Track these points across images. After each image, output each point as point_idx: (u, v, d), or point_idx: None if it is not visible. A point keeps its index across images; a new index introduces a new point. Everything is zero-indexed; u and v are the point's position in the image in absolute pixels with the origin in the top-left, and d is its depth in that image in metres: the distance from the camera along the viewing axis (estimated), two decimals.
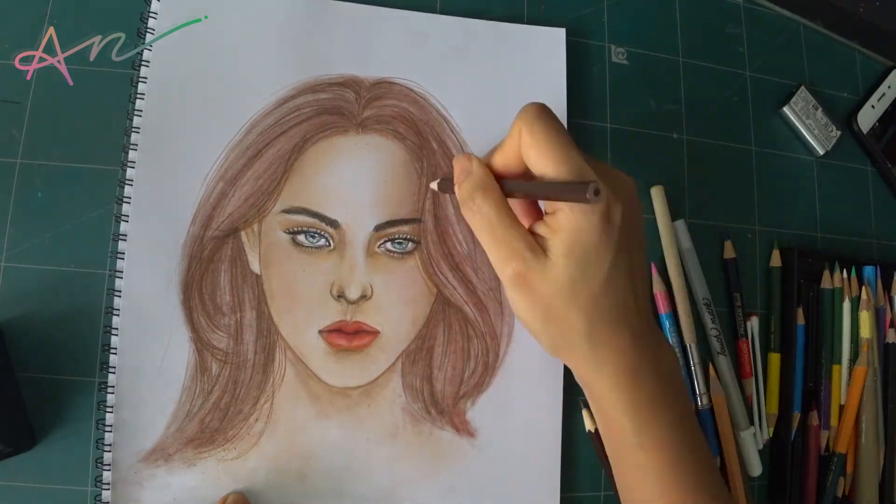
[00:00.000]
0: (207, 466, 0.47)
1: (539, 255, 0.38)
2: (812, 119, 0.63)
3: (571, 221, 0.37)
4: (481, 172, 0.41)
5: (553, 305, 0.39)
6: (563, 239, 0.37)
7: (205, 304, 0.49)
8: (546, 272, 0.38)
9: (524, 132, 0.38)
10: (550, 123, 0.38)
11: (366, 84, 0.54)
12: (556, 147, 0.37)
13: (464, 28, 0.56)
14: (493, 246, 0.39)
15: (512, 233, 0.39)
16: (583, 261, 0.37)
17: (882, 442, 0.59)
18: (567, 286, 0.38)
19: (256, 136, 0.51)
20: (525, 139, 0.38)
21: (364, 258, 0.51)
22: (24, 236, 0.48)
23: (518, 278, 0.39)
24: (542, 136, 0.38)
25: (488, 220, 0.39)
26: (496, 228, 0.39)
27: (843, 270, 0.60)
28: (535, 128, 0.38)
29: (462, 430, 0.51)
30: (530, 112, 0.39)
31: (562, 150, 0.37)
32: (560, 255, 0.37)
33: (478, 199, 0.40)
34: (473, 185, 0.40)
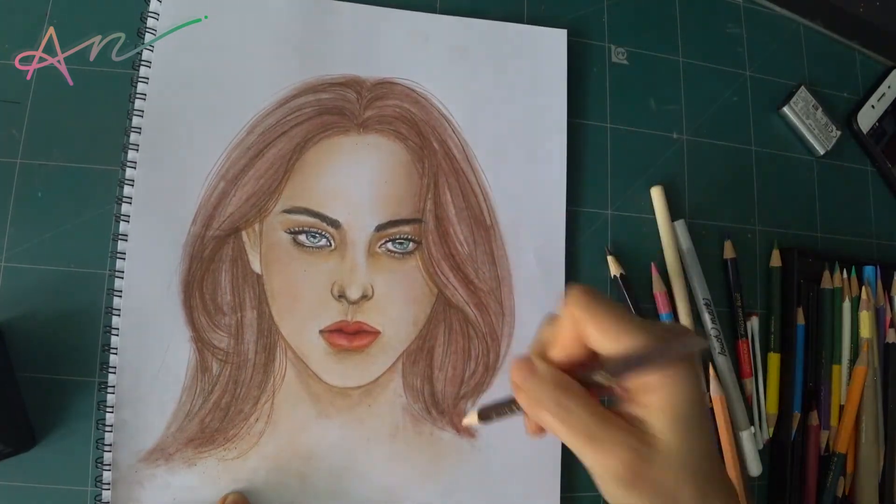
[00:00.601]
0: (208, 466, 0.47)
1: (646, 438, 0.33)
2: (812, 119, 0.63)
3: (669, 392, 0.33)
4: (550, 371, 0.35)
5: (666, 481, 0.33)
6: (662, 408, 0.33)
7: (205, 304, 0.49)
8: (658, 454, 0.33)
9: (583, 318, 0.34)
10: (605, 301, 0.34)
11: (367, 84, 0.54)
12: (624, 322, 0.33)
13: (465, 28, 0.56)
14: (591, 446, 0.34)
15: (611, 425, 0.33)
16: (691, 424, 0.33)
17: (882, 442, 0.59)
18: (682, 466, 0.33)
19: (258, 136, 0.51)
20: (586, 323, 0.34)
21: (365, 258, 0.51)
22: (24, 236, 0.48)
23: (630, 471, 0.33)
24: (605, 315, 0.34)
25: (579, 418, 0.34)
26: (592, 426, 0.33)
27: (843, 270, 0.60)
28: (593, 308, 0.34)
29: (462, 430, 0.51)
30: (581, 294, 0.34)
31: (632, 323, 0.33)
32: (669, 428, 0.33)
33: (562, 399, 0.34)
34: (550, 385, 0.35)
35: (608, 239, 0.57)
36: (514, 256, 0.53)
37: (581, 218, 0.57)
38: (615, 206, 0.58)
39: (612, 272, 0.56)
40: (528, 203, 0.54)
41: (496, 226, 0.53)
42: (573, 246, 0.56)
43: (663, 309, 0.56)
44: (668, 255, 0.57)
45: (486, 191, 0.54)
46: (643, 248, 0.57)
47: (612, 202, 0.58)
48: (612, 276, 0.56)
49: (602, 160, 0.58)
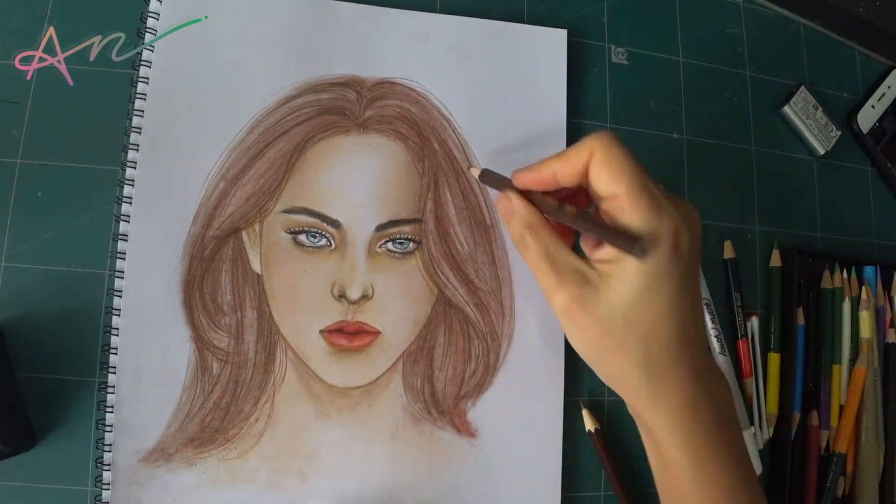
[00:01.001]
0: (208, 466, 0.47)
1: (594, 279, 0.38)
2: (812, 119, 0.63)
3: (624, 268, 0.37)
4: (524, 210, 0.42)
5: (608, 332, 0.38)
6: (621, 267, 0.37)
7: (205, 304, 0.49)
8: (601, 300, 0.38)
9: (599, 150, 0.38)
10: (626, 150, 0.39)
11: (367, 84, 0.54)
12: (632, 171, 0.38)
13: (466, 28, 0.56)
14: (543, 276, 0.40)
15: (562, 264, 0.39)
16: (643, 287, 0.37)
17: (882, 442, 0.59)
18: (624, 312, 0.37)
19: (258, 136, 0.51)
20: (599, 157, 0.38)
21: (365, 258, 0.51)
22: (24, 236, 0.48)
23: (572, 303, 0.38)
24: (618, 158, 0.38)
25: (538, 253, 0.40)
26: (545, 257, 0.40)
27: (843, 270, 0.60)
28: (612, 149, 0.38)
29: (463, 430, 0.51)
30: (606, 135, 0.39)
31: (638, 175, 0.38)
32: (618, 280, 0.37)
33: (527, 236, 0.41)
34: (521, 223, 0.41)
35: None
36: (515, 256, 0.53)
37: None
38: None
39: None
40: None
41: (496, 225, 0.53)
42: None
43: None
44: None
45: (487, 191, 0.53)
46: None
47: None
48: None
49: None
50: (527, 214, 0.41)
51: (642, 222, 0.37)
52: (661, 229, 0.37)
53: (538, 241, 0.40)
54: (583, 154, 0.39)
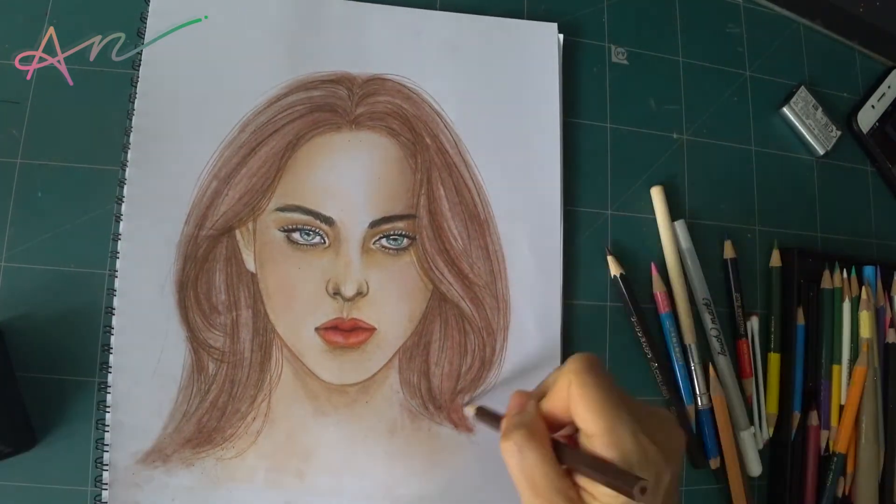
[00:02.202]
0: (206, 466, 0.47)
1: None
2: (812, 119, 0.63)
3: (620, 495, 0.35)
4: (534, 415, 0.38)
5: None
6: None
7: (200, 304, 0.49)
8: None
9: (574, 386, 0.36)
10: (602, 378, 0.36)
11: (358, 81, 0.54)
12: (606, 405, 0.35)
13: (456, 23, 0.56)
14: (530, 494, 0.37)
15: (554, 486, 0.36)
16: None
17: (882, 442, 0.58)
18: None
19: (250, 135, 0.51)
20: (574, 392, 0.36)
21: (359, 255, 0.51)
22: (24, 236, 0.48)
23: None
24: (592, 393, 0.36)
25: (529, 466, 0.36)
26: (538, 480, 0.36)
27: (843, 270, 0.60)
28: (585, 380, 0.36)
29: (460, 425, 0.51)
30: (580, 363, 0.37)
31: (612, 410, 0.35)
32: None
33: (521, 441, 0.37)
34: (519, 424, 0.38)
35: (608, 239, 0.57)
36: (510, 250, 0.53)
37: (581, 218, 0.56)
38: (615, 206, 0.58)
39: (612, 272, 0.56)
40: (522, 196, 0.54)
41: (490, 220, 0.53)
42: (573, 246, 0.56)
43: (663, 309, 0.56)
44: (668, 255, 0.57)
45: (480, 185, 0.54)
46: (643, 248, 0.57)
47: (612, 202, 0.58)
48: (612, 275, 0.56)
49: (602, 160, 0.58)
50: (532, 420, 0.38)
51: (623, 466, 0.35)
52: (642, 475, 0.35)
53: (535, 453, 0.36)
54: (563, 391, 0.37)
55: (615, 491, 0.34)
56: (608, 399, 0.36)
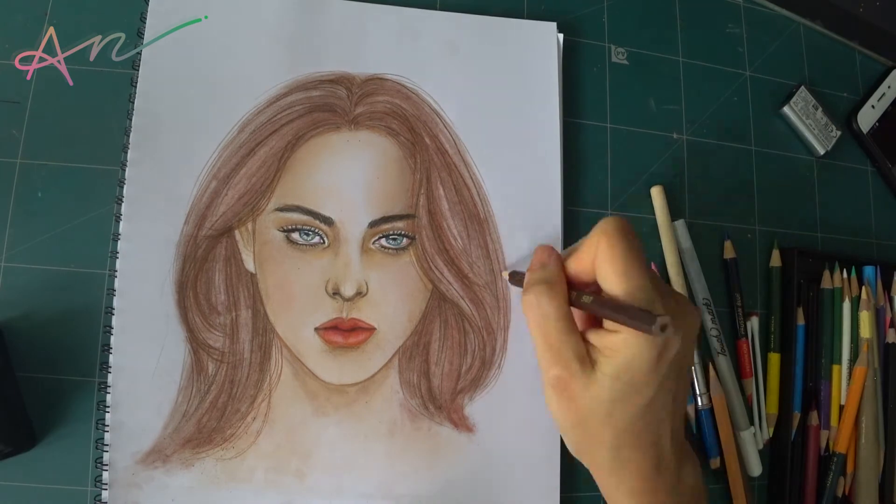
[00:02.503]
0: (206, 466, 0.47)
1: (587, 368, 0.37)
2: (812, 119, 0.63)
3: (628, 348, 0.36)
4: (555, 271, 0.40)
5: (588, 418, 0.38)
6: (616, 362, 0.36)
7: (200, 304, 0.49)
8: (589, 387, 0.37)
9: (602, 243, 0.37)
10: (631, 241, 0.37)
11: (357, 80, 0.54)
12: (632, 267, 0.36)
13: (454, 23, 0.56)
14: (542, 346, 0.39)
15: (565, 339, 0.38)
16: (628, 386, 0.37)
17: (882, 442, 0.58)
18: (606, 405, 0.37)
19: (249, 135, 0.51)
20: (602, 251, 0.37)
21: (359, 255, 0.51)
22: (24, 236, 0.48)
23: (560, 383, 0.38)
24: (620, 253, 0.36)
25: (545, 319, 0.38)
26: (551, 331, 0.38)
27: (843, 270, 0.60)
28: (614, 242, 0.37)
29: (461, 425, 0.51)
30: (612, 224, 0.37)
31: (637, 272, 0.36)
32: (607, 375, 0.37)
33: (540, 295, 0.39)
34: (540, 279, 0.40)
35: None
36: (509, 249, 0.53)
37: (581, 218, 0.56)
38: (615, 206, 0.58)
39: None
40: (522, 195, 0.54)
41: (490, 219, 0.53)
42: None
43: None
44: (668, 255, 0.57)
45: (480, 185, 0.54)
46: (643, 248, 0.57)
47: (612, 202, 0.58)
48: None
49: (602, 160, 0.58)
50: (556, 275, 0.40)
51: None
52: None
53: (551, 307, 0.38)
54: (592, 248, 0.38)
55: (634, 328, 0.35)
56: (635, 263, 0.36)
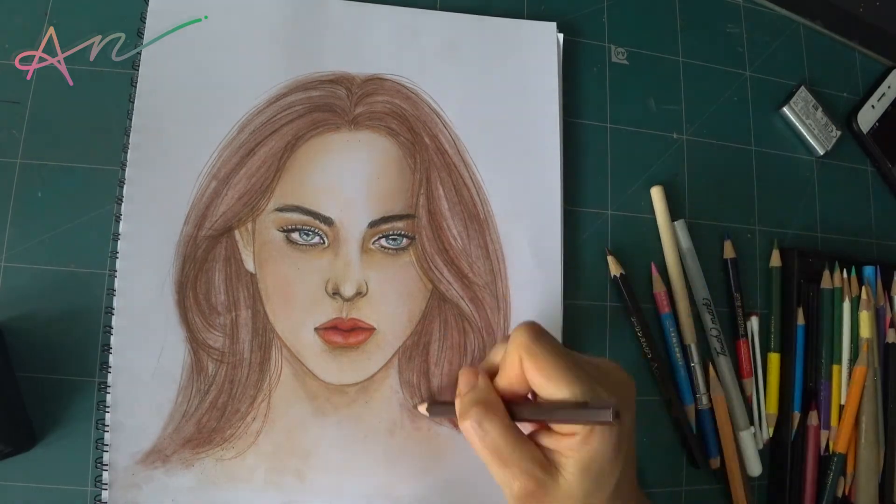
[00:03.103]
0: (205, 466, 0.47)
1: (552, 473, 0.37)
2: (812, 119, 0.63)
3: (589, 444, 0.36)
4: (485, 389, 0.40)
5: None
6: (580, 459, 0.36)
7: (199, 304, 0.49)
8: (559, 491, 0.37)
9: (525, 358, 0.37)
10: (548, 344, 0.38)
11: (357, 81, 0.54)
12: (561, 370, 0.36)
13: (454, 23, 0.57)
14: (497, 465, 0.38)
15: (519, 452, 0.37)
16: (598, 476, 0.37)
17: (882, 442, 0.58)
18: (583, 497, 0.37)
19: (249, 135, 0.51)
20: (527, 365, 0.37)
21: (359, 255, 0.51)
22: (24, 236, 0.48)
23: (527, 495, 0.37)
24: (545, 362, 0.37)
25: (491, 438, 0.38)
26: (501, 448, 0.37)
27: (843, 270, 0.60)
28: (534, 351, 0.37)
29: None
30: (524, 337, 0.38)
31: (569, 372, 0.36)
32: (574, 473, 0.36)
33: (479, 416, 0.38)
34: (474, 401, 0.39)
35: (608, 239, 0.57)
36: (509, 249, 0.53)
37: (581, 218, 0.56)
38: (615, 206, 0.58)
39: (612, 272, 0.56)
40: (522, 195, 0.54)
41: (490, 219, 0.53)
42: (573, 246, 0.56)
43: (663, 309, 0.56)
44: (668, 255, 0.57)
45: (479, 185, 0.54)
46: (643, 248, 0.57)
47: (612, 202, 0.58)
48: (612, 276, 0.56)
49: (602, 160, 0.58)
50: (488, 395, 0.39)
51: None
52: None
53: (496, 424, 0.38)
54: (515, 365, 0.38)
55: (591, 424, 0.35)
56: (560, 363, 0.37)
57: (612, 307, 0.56)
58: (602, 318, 0.56)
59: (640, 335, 0.55)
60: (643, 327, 0.55)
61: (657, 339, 0.56)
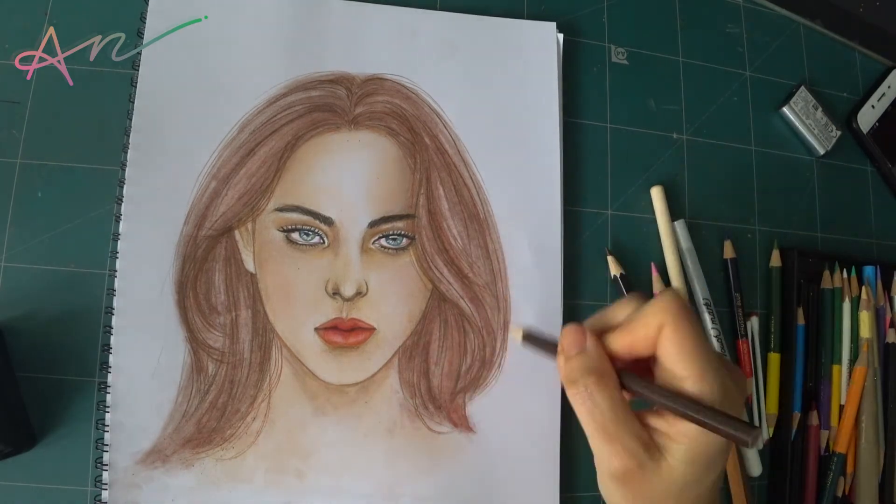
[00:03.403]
0: (205, 466, 0.47)
1: (655, 455, 0.35)
2: (812, 119, 0.63)
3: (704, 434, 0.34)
4: (597, 355, 0.36)
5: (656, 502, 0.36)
6: (689, 448, 0.34)
7: (199, 304, 0.49)
8: (661, 475, 0.35)
9: (668, 328, 0.34)
10: (699, 328, 0.35)
11: (357, 81, 0.54)
12: (703, 353, 0.34)
13: (454, 23, 0.57)
14: (601, 439, 0.35)
15: (626, 429, 0.35)
16: (703, 468, 0.35)
17: (882, 442, 0.58)
18: (679, 489, 0.35)
19: (249, 135, 0.51)
20: (670, 334, 0.34)
21: (359, 255, 0.51)
22: (24, 236, 0.48)
23: (626, 474, 0.35)
24: (690, 337, 0.34)
25: (600, 411, 0.35)
26: (608, 423, 0.35)
27: (843, 270, 0.60)
28: (681, 326, 0.34)
29: (461, 425, 0.51)
30: (675, 305, 0.35)
31: (709, 358, 0.34)
32: (681, 461, 0.34)
33: (591, 386, 0.35)
34: (587, 368, 0.36)
35: (608, 239, 0.57)
36: (509, 249, 0.53)
37: (581, 218, 0.57)
38: (615, 206, 0.58)
39: (612, 272, 0.56)
40: (522, 195, 0.54)
41: (490, 219, 0.53)
42: (573, 246, 0.56)
43: None
44: (668, 255, 0.57)
45: (480, 185, 0.54)
46: (643, 248, 0.57)
47: (612, 202, 0.58)
48: (612, 276, 0.56)
49: (602, 160, 0.58)
50: (600, 360, 0.36)
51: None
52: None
53: (606, 397, 0.35)
54: (651, 328, 0.35)
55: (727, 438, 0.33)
56: (704, 346, 0.34)
57: None
58: None
59: None
60: None
61: None
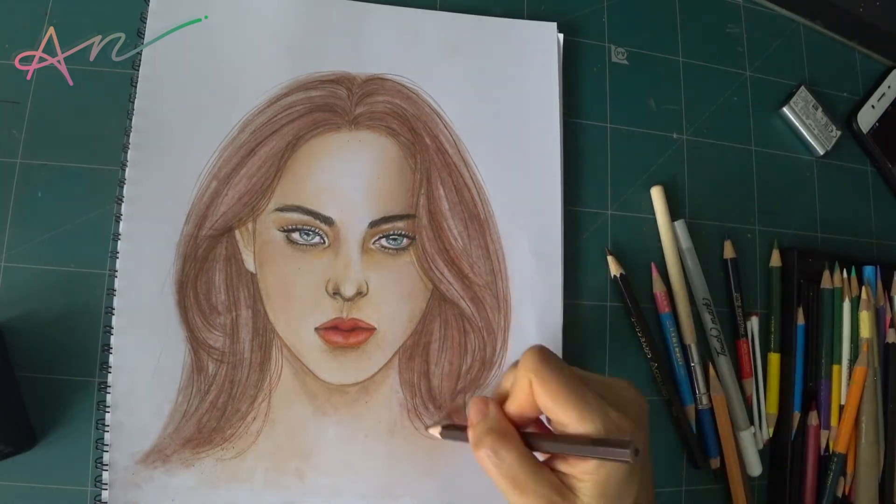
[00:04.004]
0: (206, 466, 0.47)
1: (569, 497, 0.36)
2: (812, 119, 0.63)
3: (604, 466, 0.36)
4: (498, 418, 0.40)
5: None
6: (596, 482, 0.36)
7: (200, 304, 0.49)
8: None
9: (535, 382, 0.37)
10: (556, 367, 0.38)
11: (358, 81, 0.54)
12: (571, 393, 0.36)
13: (455, 23, 0.57)
14: (515, 493, 0.37)
15: (536, 478, 0.37)
16: (614, 498, 0.36)
17: (882, 442, 0.58)
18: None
19: (249, 135, 0.51)
20: (537, 389, 0.37)
21: (359, 255, 0.51)
22: (24, 236, 0.48)
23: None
24: (554, 384, 0.37)
25: (507, 465, 0.37)
26: (518, 475, 0.37)
27: (843, 270, 0.60)
28: (543, 375, 0.37)
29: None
30: (533, 361, 0.38)
31: (579, 395, 0.36)
32: (592, 496, 0.36)
33: (495, 444, 0.38)
34: (489, 430, 0.39)
35: (608, 239, 0.57)
36: (510, 249, 0.53)
37: (581, 218, 0.56)
38: (615, 206, 0.58)
39: (612, 272, 0.56)
40: (523, 195, 0.54)
41: (491, 219, 0.53)
42: (573, 246, 0.56)
43: (663, 309, 0.56)
44: (668, 255, 0.57)
45: (480, 185, 0.54)
46: (643, 248, 0.57)
47: (612, 202, 0.58)
48: (612, 276, 0.56)
49: (602, 160, 0.58)
50: (502, 423, 0.39)
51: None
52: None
53: (511, 450, 0.38)
54: (525, 390, 0.38)
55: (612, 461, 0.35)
56: (570, 387, 0.37)
57: (612, 307, 0.56)
58: (602, 318, 0.56)
59: (640, 335, 0.55)
60: (643, 327, 0.55)
61: (657, 339, 0.56)
